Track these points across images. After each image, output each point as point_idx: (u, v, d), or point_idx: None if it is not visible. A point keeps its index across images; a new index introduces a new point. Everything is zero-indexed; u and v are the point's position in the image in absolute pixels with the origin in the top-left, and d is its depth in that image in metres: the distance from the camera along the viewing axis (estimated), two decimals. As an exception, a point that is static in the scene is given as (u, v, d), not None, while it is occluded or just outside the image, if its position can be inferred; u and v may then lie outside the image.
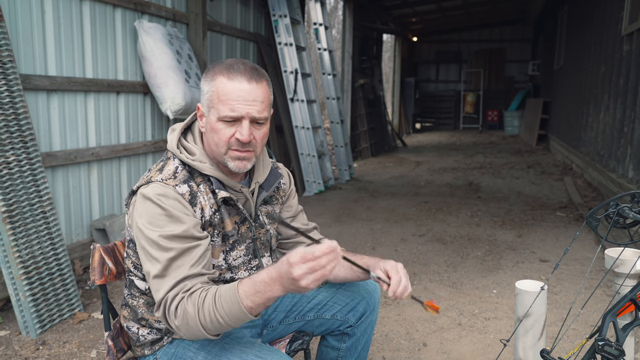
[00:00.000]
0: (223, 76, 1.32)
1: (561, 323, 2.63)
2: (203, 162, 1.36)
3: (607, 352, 1.16)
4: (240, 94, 1.31)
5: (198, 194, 1.34)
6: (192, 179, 1.35)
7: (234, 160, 1.35)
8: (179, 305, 1.21)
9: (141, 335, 1.43)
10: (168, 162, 1.38)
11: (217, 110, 1.32)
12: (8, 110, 2.71)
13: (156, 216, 1.26)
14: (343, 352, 1.71)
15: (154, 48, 3.93)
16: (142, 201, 1.29)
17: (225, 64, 1.34)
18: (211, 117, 1.34)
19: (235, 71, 1.32)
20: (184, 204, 1.30)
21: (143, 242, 1.27)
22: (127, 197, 1.38)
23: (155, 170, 1.37)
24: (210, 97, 1.34)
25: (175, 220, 1.26)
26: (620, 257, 1.36)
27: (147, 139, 4.24)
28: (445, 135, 14.48)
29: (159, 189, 1.29)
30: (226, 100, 1.31)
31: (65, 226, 3.41)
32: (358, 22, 9.21)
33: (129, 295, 1.45)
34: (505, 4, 12.28)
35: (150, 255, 1.25)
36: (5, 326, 2.70)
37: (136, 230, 1.29)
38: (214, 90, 1.33)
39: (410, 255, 3.86)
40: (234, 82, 1.31)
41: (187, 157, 1.36)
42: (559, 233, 4.41)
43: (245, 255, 1.45)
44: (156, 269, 1.24)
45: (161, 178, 1.32)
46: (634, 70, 5.02)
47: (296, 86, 6.18)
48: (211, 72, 1.35)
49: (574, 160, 7.75)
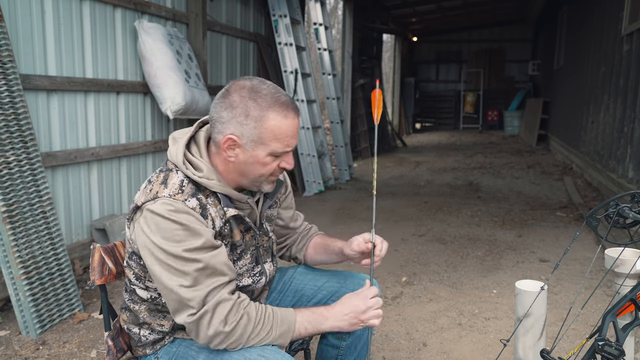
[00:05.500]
0: (277, 114, 1.29)
1: (561, 323, 2.63)
2: (211, 179, 1.32)
3: (607, 352, 1.16)
4: (294, 129, 1.32)
5: (207, 206, 1.31)
6: (200, 192, 1.32)
7: (270, 183, 1.39)
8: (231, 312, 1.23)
9: (142, 336, 1.43)
10: (170, 174, 1.32)
11: (268, 147, 1.30)
12: (8, 110, 2.71)
13: (173, 231, 1.23)
14: (343, 351, 1.71)
15: (154, 48, 3.93)
16: (152, 218, 1.25)
17: (271, 96, 1.30)
18: (258, 152, 1.31)
19: (286, 107, 1.30)
20: (197, 217, 1.27)
21: (162, 257, 1.23)
22: (130, 212, 1.33)
23: (157, 183, 1.31)
24: (261, 134, 1.29)
25: (193, 233, 1.24)
26: (620, 257, 1.36)
27: (147, 139, 4.24)
28: (445, 135, 14.48)
29: (169, 205, 1.25)
30: (282, 138, 1.30)
31: (65, 226, 3.41)
32: (358, 22, 9.21)
33: (129, 300, 1.44)
34: (505, 4, 12.28)
35: (175, 269, 1.23)
36: (5, 326, 2.70)
37: (148, 246, 1.25)
38: (266, 128, 1.28)
39: (410, 255, 3.86)
40: (288, 119, 1.30)
41: (193, 173, 1.31)
42: (559, 233, 4.41)
43: (250, 262, 1.46)
44: (187, 281, 1.23)
45: (168, 194, 1.27)
46: (634, 70, 5.02)
47: (296, 86, 6.18)
48: (254, 106, 1.28)
49: (574, 160, 7.75)
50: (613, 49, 5.89)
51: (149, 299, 1.39)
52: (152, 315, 1.41)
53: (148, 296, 1.39)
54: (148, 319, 1.41)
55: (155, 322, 1.41)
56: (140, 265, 1.35)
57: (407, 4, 11.38)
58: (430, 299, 3.05)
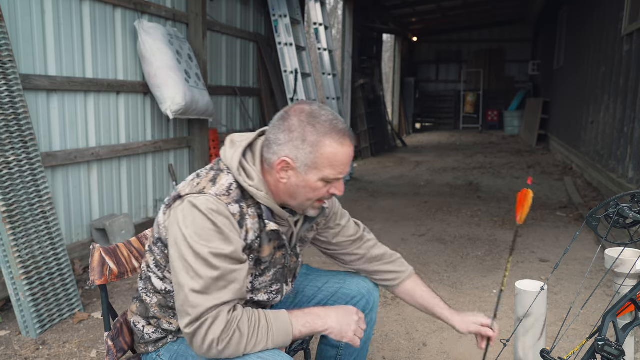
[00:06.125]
0: (334, 141, 1.29)
1: (561, 323, 2.63)
2: (260, 190, 1.33)
3: (607, 352, 1.16)
4: (349, 158, 1.33)
5: (247, 216, 1.31)
6: (244, 200, 1.32)
7: (316, 208, 1.39)
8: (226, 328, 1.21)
9: (146, 334, 1.43)
10: (221, 174, 1.32)
11: (321, 173, 1.31)
12: (8, 110, 2.71)
13: (206, 230, 1.23)
14: (342, 351, 1.72)
15: (154, 48, 3.93)
16: (191, 210, 1.25)
17: (329, 122, 1.30)
18: (310, 177, 1.31)
19: (343, 134, 1.31)
20: (234, 223, 1.27)
21: (186, 252, 1.23)
22: (171, 199, 1.33)
23: (206, 179, 1.31)
24: (315, 159, 1.29)
25: (225, 238, 1.24)
26: (620, 257, 1.36)
27: (147, 139, 4.24)
28: (445, 135, 14.48)
29: (212, 203, 1.25)
30: (337, 165, 1.31)
31: (65, 226, 3.41)
32: (358, 22, 9.21)
33: (143, 289, 1.43)
34: (505, 4, 12.28)
35: (192, 268, 1.22)
36: (5, 326, 2.70)
37: (177, 238, 1.25)
38: (322, 154, 1.29)
39: (410, 255, 3.86)
40: (344, 147, 1.31)
41: (245, 180, 1.32)
42: (559, 233, 4.41)
43: (271, 280, 1.44)
44: (198, 284, 1.21)
45: (215, 193, 1.27)
46: (634, 70, 5.02)
47: (296, 86, 6.18)
48: (312, 131, 1.29)
49: (574, 160, 7.75)
50: (613, 49, 5.89)
51: (162, 291, 1.38)
52: (163, 311, 1.40)
53: (162, 287, 1.38)
54: (158, 314, 1.41)
55: (164, 319, 1.41)
56: (164, 254, 1.35)
57: (407, 4, 11.38)
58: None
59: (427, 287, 1.72)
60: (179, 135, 4.65)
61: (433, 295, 1.69)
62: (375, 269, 1.71)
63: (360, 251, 1.69)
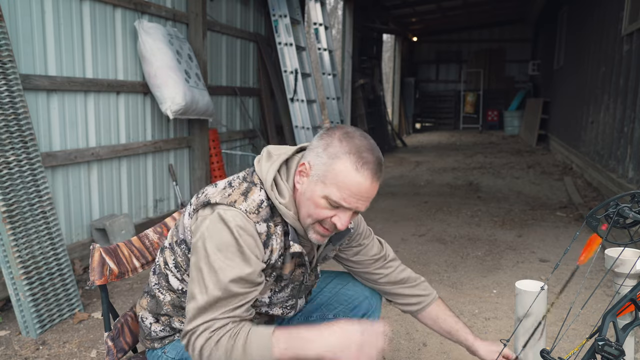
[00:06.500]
0: (350, 162, 1.21)
1: (561, 323, 2.63)
2: (289, 209, 1.29)
3: (607, 352, 1.16)
4: (360, 190, 1.22)
5: (273, 236, 1.28)
6: (272, 219, 1.28)
7: (317, 234, 1.30)
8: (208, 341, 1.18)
9: (153, 331, 1.43)
10: (254, 189, 1.29)
11: (326, 189, 1.23)
12: (8, 110, 2.71)
13: (229, 246, 1.20)
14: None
15: (154, 48, 3.94)
16: (219, 223, 1.22)
17: (356, 146, 1.23)
18: (316, 189, 1.25)
19: (365, 163, 1.21)
20: (258, 244, 1.24)
21: (202, 264, 1.21)
22: (200, 204, 1.28)
23: (238, 192, 1.28)
24: (325, 171, 1.23)
25: (245, 259, 1.21)
26: (620, 257, 1.36)
27: (147, 139, 4.24)
28: (445, 135, 14.48)
29: (240, 220, 1.21)
30: (343, 188, 1.22)
31: (65, 226, 3.41)
32: (358, 22, 9.21)
33: (156, 285, 1.42)
34: (505, 4, 12.28)
35: (204, 282, 1.20)
36: (5, 326, 2.70)
37: (199, 247, 1.23)
38: (333, 169, 1.22)
39: (410, 255, 3.86)
40: (360, 176, 1.21)
41: (276, 197, 1.27)
42: (559, 233, 4.41)
43: (288, 295, 1.43)
44: (202, 299, 1.19)
45: (245, 209, 1.23)
46: (634, 70, 5.02)
47: (296, 86, 6.18)
48: (337, 144, 1.24)
49: (574, 160, 7.75)
50: (613, 49, 5.89)
51: (178, 290, 1.38)
52: (176, 310, 1.40)
53: (179, 287, 1.37)
54: (170, 312, 1.41)
55: (176, 317, 1.41)
56: (186, 257, 1.33)
57: (407, 4, 11.38)
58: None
59: (451, 312, 1.68)
60: (179, 135, 4.65)
61: (456, 320, 1.66)
62: (397, 292, 1.66)
63: (382, 271, 1.63)
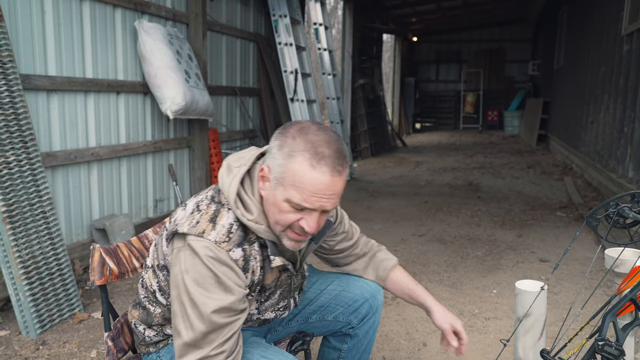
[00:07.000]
0: (304, 160, 1.14)
1: (561, 323, 2.63)
2: (260, 223, 1.23)
3: (607, 352, 1.16)
4: (320, 187, 1.14)
5: (251, 257, 1.24)
6: (246, 240, 1.23)
7: (290, 240, 1.24)
8: None
9: (147, 336, 1.43)
10: (222, 211, 1.23)
11: (286, 191, 1.16)
12: (8, 110, 2.71)
13: (206, 278, 1.16)
14: (344, 353, 1.71)
15: (154, 48, 3.93)
16: (191, 256, 1.17)
17: (311, 142, 1.15)
18: (278, 194, 1.18)
19: (322, 158, 1.14)
20: (236, 271, 1.19)
21: (184, 299, 1.17)
22: (170, 233, 1.24)
23: (206, 218, 1.21)
24: (283, 173, 1.16)
25: (225, 289, 1.17)
26: (620, 257, 1.36)
27: (147, 139, 4.24)
28: (445, 135, 14.48)
29: (211, 251, 1.16)
30: (302, 189, 1.15)
31: (65, 226, 3.41)
32: (358, 22, 9.21)
33: (146, 298, 1.40)
34: (505, 4, 12.28)
35: (188, 317, 1.17)
36: (5, 326, 2.70)
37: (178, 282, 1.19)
38: (290, 169, 1.15)
39: (410, 255, 3.86)
40: (316, 172, 1.14)
41: (243, 214, 1.21)
42: (559, 233, 4.41)
43: (277, 299, 1.42)
44: (188, 337, 1.16)
45: (215, 239, 1.18)
46: (634, 70, 5.02)
47: (296, 86, 6.18)
48: (290, 143, 1.17)
49: (574, 160, 7.75)
50: (613, 49, 5.89)
51: (167, 305, 1.37)
52: (167, 321, 1.40)
53: (167, 303, 1.37)
54: (162, 322, 1.40)
55: (168, 326, 1.40)
56: (168, 282, 1.31)
57: (407, 4, 11.38)
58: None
59: (410, 277, 1.67)
60: (179, 135, 4.65)
61: (415, 283, 1.64)
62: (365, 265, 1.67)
63: (357, 251, 1.66)
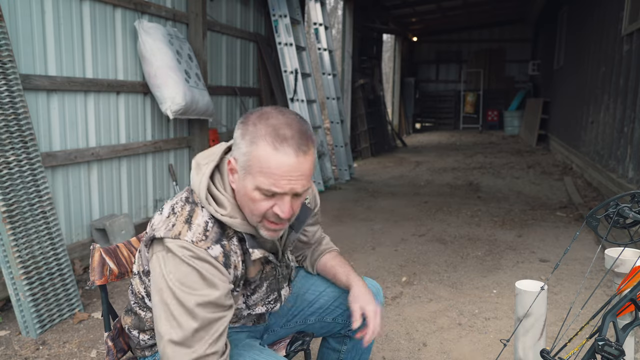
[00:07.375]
0: (267, 144, 1.13)
1: (561, 323, 2.63)
2: (234, 217, 1.22)
3: (607, 352, 1.16)
4: (286, 169, 1.13)
5: (231, 253, 1.23)
6: (224, 235, 1.22)
7: (267, 230, 1.23)
8: None
9: (142, 340, 1.42)
10: (196, 210, 1.22)
11: (255, 179, 1.15)
12: (8, 110, 2.71)
13: (189, 276, 1.15)
14: (344, 355, 1.71)
15: (154, 48, 3.93)
16: (171, 258, 1.16)
17: (272, 125, 1.14)
18: (247, 183, 1.17)
19: (284, 140, 1.13)
20: (218, 267, 1.18)
21: (169, 301, 1.15)
22: (148, 239, 1.23)
23: (182, 220, 1.20)
24: (248, 161, 1.15)
25: (209, 284, 1.16)
26: (620, 257, 1.36)
27: (147, 139, 4.24)
28: (445, 135, 14.48)
29: (189, 251, 1.16)
30: (269, 173, 1.13)
31: (65, 226, 3.41)
32: (358, 22, 9.21)
33: (136, 304, 1.39)
34: (505, 4, 12.28)
35: (174, 317, 1.14)
36: (5, 326, 2.70)
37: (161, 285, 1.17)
38: (254, 156, 1.14)
39: (410, 255, 3.86)
40: (280, 154, 1.12)
41: (216, 210, 1.20)
42: (559, 233, 4.41)
43: (265, 292, 1.40)
44: (177, 335, 1.14)
45: (192, 239, 1.17)
46: (634, 70, 5.02)
47: (296, 86, 6.18)
48: (252, 130, 1.15)
49: (574, 160, 7.75)
50: (613, 49, 5.89)
51: None
52: None
53: None
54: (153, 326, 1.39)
55: None
56: None
57: (407, 4, 11.38)
58: (430, 299, 3.05)
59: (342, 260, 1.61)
60: (179, 135, 4.65)
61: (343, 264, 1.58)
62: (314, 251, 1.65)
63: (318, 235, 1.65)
